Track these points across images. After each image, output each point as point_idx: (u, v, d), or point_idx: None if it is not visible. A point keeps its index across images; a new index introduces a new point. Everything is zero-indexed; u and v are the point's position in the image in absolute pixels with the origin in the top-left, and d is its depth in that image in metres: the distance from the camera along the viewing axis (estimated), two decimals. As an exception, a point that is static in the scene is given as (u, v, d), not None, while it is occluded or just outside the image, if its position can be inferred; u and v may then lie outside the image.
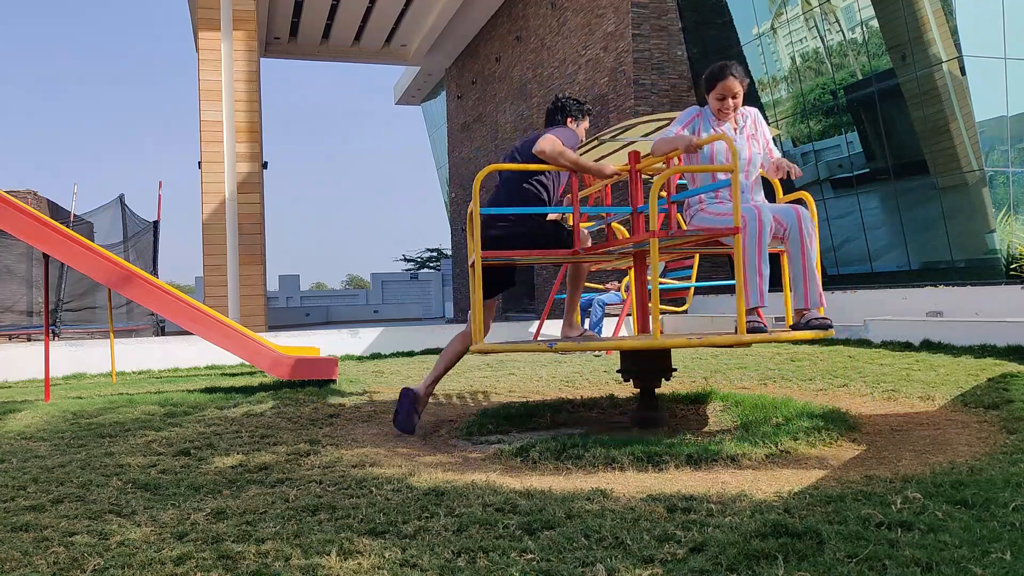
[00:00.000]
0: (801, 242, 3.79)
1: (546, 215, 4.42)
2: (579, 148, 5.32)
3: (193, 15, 15.27)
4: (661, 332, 3.85)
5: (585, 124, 4.59)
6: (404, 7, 19.13)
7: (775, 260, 4.09)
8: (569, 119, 4.52)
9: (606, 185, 4.80)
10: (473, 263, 4.01)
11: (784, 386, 5.33)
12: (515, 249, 4.18)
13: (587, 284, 6.33)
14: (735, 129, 4.08)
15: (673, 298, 9.03)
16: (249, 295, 13.24)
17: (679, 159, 4.10)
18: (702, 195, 4.06)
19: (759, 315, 3.72)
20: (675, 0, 13.62)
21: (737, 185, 3.57)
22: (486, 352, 4.01)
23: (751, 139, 4.09)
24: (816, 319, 3.74)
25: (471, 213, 4.01)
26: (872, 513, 2.32)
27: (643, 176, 4.37)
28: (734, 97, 4.02)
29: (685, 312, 9.69)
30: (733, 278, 5.33)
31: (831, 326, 3.75)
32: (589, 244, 4.40)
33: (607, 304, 8.66)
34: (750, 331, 3.60)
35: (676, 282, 8.47)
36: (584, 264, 4.52)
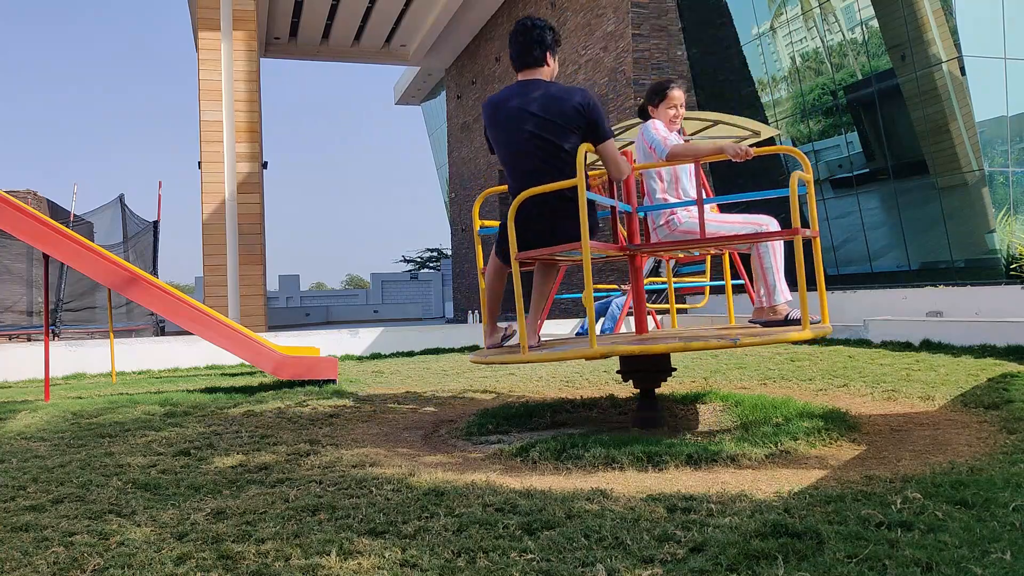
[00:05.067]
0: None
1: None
2: None
3: (193, 15, 15.27)
4: (659, 328, 3.85)
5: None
6: (404, 7, 19.13)
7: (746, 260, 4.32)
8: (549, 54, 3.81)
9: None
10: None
11: (784, 386, 5.33)
12: None
13: (600, 287, 6.49)
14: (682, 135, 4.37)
15: (685, 295, 8.90)
16: (249, 295, 13.25)
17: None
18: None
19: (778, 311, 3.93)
20: (675, 0, 13.62)
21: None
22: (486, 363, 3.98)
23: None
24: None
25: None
26: (872, 513, 2.32)
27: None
28: (681, 106, 4.39)
29: (686, 311, 9.76)
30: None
31: None
32: None
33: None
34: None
35: (690, 279, 8.28)
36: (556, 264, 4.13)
